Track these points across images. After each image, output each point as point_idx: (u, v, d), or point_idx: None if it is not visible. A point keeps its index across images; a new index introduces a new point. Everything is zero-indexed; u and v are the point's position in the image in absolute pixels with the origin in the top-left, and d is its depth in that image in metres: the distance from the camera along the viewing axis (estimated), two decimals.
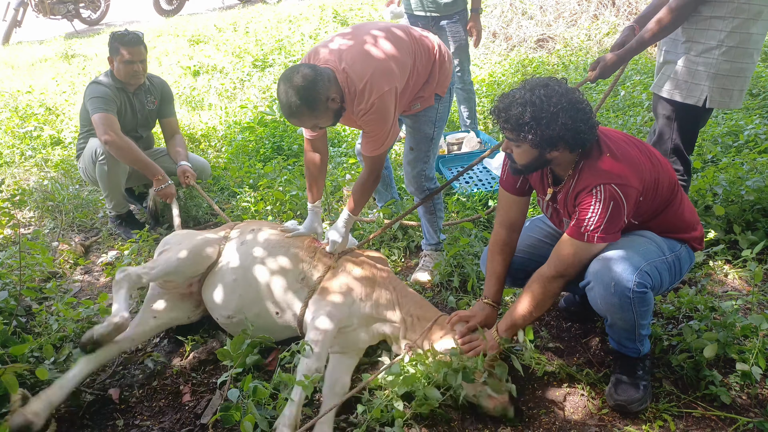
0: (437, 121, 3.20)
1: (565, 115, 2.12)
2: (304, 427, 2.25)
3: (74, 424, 2.50)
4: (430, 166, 3.32)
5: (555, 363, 2.66)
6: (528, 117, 2.14)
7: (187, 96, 7.82)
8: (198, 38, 10.71)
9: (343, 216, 3.04)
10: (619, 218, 2.18)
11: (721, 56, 2.79)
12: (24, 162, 5.86)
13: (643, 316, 2.28)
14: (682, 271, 2.42)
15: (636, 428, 2.32)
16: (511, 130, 2.21)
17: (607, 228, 2.19)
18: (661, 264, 2.29)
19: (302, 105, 2.56)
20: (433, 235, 3.54)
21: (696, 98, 2.88)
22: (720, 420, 2.34)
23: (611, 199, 2.14)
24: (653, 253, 2.29)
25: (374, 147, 2.86)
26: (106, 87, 4.03)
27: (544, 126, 2.13)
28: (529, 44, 8.85)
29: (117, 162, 4.04)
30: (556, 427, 2.37)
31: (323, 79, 2.59)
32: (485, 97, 6.69)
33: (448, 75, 3.15)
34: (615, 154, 2.21)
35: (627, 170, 2.18)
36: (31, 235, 4.22)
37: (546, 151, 2.22)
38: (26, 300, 3.25)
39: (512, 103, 2.19)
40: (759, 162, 3.87)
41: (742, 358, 2.44)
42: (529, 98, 2.15)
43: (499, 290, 2.65)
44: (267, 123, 5.87)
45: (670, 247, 2.37)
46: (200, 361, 2.85)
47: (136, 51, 4.03)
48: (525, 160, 2.30)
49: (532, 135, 2.16)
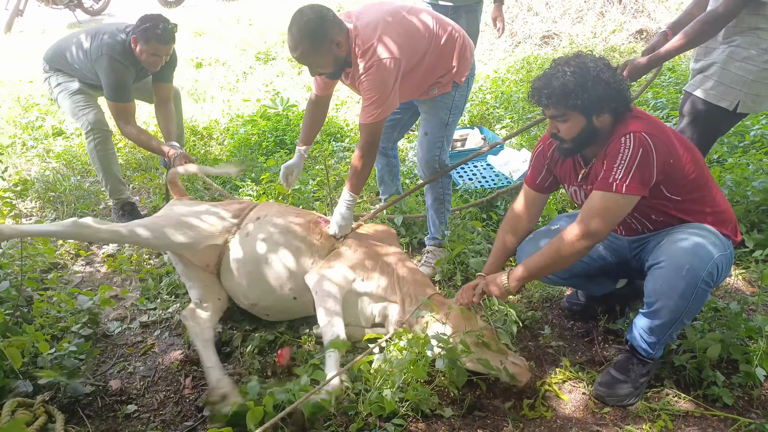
0: (453, 108, 3.23)
1: (606, 75, 2.18)
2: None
3: (75, 415, 2.49)
4: (444, 151, 3.34)
5: (560, 361, 2.66)
6: (572, 84, 2.18)
7: (190, 88, 7.80)
8: (201, 30, 10.68)
9: (345, 197, 3.02)
10: (648, 167, 2.15)
11: (763, 64, 2.83)
12: (26, 152, 5.84)
13: (690, 314, 2.27)
14: (729, 270, 2.37)
15: (637, 427, 2.31)
16: (557, 102, 2.23)
17: (636, 177, 2.14)
18: (725, 260, 2.25)
19: (307, 37, 2.67)
20: (438, 228, 3.54)
21: (729, 102, 2.92)
22: (720, 420, 2.33)
23: (640, 145, 2.14)
24: (720, 247, 2.24)
25: (369, 113, 2.87)
26: (126, 67, 3.91)
27: (590, 88, 2.17)
28: (535, 41, 8.82)
29: (106, 141, 4.09)
30: (557, 426, 2.37)
31: (335, 22, 2.73)
32: (489, 93, 6.66)
33: (468, 65, 3.19)
34: (639, 117, 2.25)
35: (653, 127, 2.20)
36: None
37: (593, 116, 2.23)
38: (27, 290, 3.24)
39: (551, 78, 2.23)
40: (765, 163, 3.86)
41: (746, 359, 2.43)
42: (568, 69, 2.20)
43: (495, 267, 2.71)
44: (270, 116, 5.85)
45: (726, 243, 2.31)
46: None
47: (168, 48, 3.94)
48: (574, 132, 2.29)
49: (580, 100, 2.19)
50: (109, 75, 3.86)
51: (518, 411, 2.44)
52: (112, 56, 3.84)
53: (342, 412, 2.42)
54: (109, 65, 3.84)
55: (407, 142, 5.56)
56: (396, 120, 3.56)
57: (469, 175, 4.65)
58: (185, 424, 2.44)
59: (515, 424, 2.38)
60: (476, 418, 2.41)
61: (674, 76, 6.43)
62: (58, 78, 4.13)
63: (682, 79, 6.05)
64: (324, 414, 2.31)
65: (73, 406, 2.54)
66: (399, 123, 3.61)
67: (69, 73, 4.14)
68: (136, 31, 3.82)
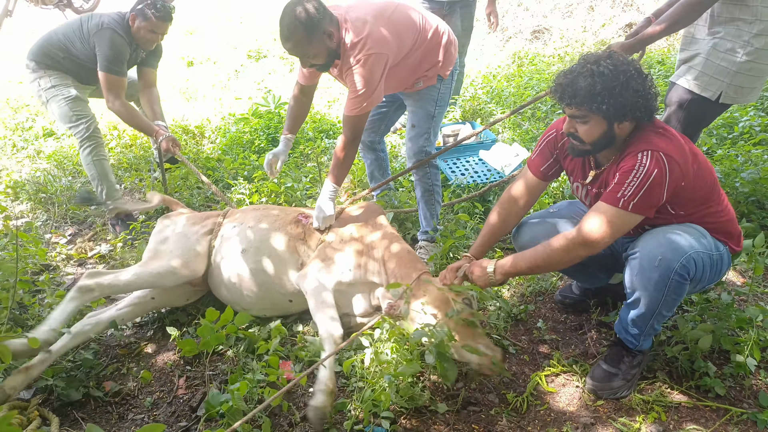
0: (439, 100, 3.30)
1: (635, 83, 2.10)
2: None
3: (68, 417, 2.49)
4: (431, 143, 3.41)
5: (552, 354, 2.67)
6: (600, 87, 2.09)
7: (182, 87, 7.77)
8: (192, 29, 10.64)
9: (327, 188, 3.06)
10: (659, 189, 2.10)
11: (745, 56, 2.85)
12: (16, 153, 5.81)
13: (668, 306, 2.27)
14: (721, 273, 2.36)
15: (630, 419, 2.32)
16: (581, 103, 2.14)
17: (644, 197, 2.10)
18: (707, 258, 2.24)
19: (300, 28, 2.73)
20: (429, 221, 3.55)
21: (712, 92, 2.96)
22: (713, 411, 2.35)
23: (656, 166, 2.08)
24: (705, 245, 2.23)
25: (354, 105, 2.93)
26: (126, 42, 3.99)
27: (617, 95, 2.09)
28: (525, 36, 8.83)
29: (100, 147, 4.11)
30: (551, 419, 2.37)
31: (326, 13, 2.79)
32: (481, 89, 6.67)
33: (452, 59, 3.27)
34: (661, 133, 2.18)
35: (673, 146, 2.14)
36: (24, 227, 4.19)
37: (615, 122, 2.17)
38: (19, 292, 3.22)
39: (578, 76, 2.14)
40: (754, 154, 3.88)
41: (737, 349, 2.45)
42: (597, 69, 2.11)
43: (483, 248, 2.67)
44: (262, 114, 5.84)
45: (716, 245, 2.30)
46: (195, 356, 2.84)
47: (165, 26, 4.06)
48: (594, 137, 2.22)
49: (606, 105, 2.11)
50: (109, 46, 3.90)
51: (512, 405, 2.45)
52: (113, 29, 3.93)
53: (337, 410, 2.43)
54: (110, 36, 3.91)
55: (399, 138, 5.56)
56: (382, 113, 3.60)
57: (462, 170, 4.65)
58: (179, 425, 2.43)
59: (509, 418, 2.38)
60: (471, 413, 2.42)
61: (663, 69, 6.46)
62: (51, 79, 4.06)
63: (672, 72, 6.06)
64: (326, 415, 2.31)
65: (66, 408, 2.53)
66: (385, 116, 3.64)
67: (61, 68, 4.08)
68: (135, 9, 3.95)
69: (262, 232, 3.00)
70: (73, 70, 4.10)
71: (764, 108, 5.02)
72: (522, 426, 2.35)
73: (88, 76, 4.13)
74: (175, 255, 2.95)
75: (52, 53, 4.04)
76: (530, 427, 2.34)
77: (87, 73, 4.11)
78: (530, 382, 2.54)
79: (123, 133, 6.01)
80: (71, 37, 4.01)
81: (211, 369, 2.74)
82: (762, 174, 3.52)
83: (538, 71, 7.06)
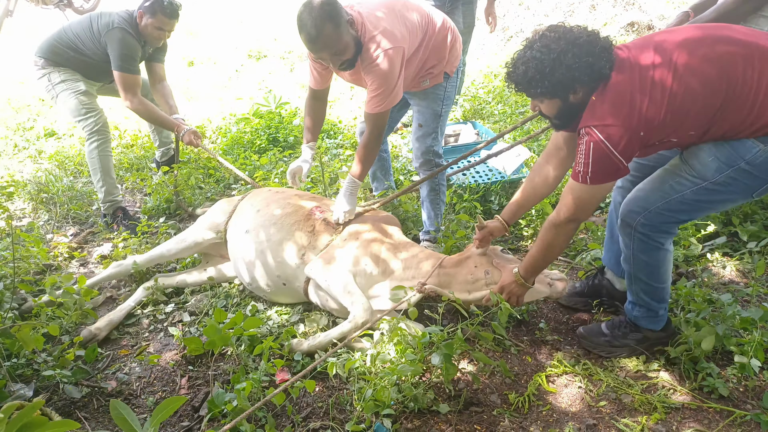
0: (445, 98, 3.29)
1: (566, 57, 2.08)
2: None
3: (71, 416, 2.49)
4: (438, 142, 3.40)
5: (554, 355, 2.67)
6: (532, 72, 2.13)
7: (183, 87, 7.77)
8: (193, 29, 10.64)
9: (349, 183, 3.07)
10: (607, 160, 2.10)
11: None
12: (18, 154, 5.81)
13: (640, 269, 2.37)
14: (759, 175, 2.15)
15: (632, 420, 2.32)
16: (524, 90, 2.23)
17: (597, 170, 2.14)
18: (691, 195, 2.23)
19: (327, 20, 2.66)
20: (433, 219, 3.54)
21: None
22: (716, 412, 2.34)
23: (590, 140, 2.11)
24: (681, 187, 2.24)
25: (377, 103, 2.91)
26: (136, 41, 4.03)
27: (549, 75, 2.11)
28: (527, 35, 8.79)
29: (107, 143, 4.15)
30: (553, 420, 2.37)
31: (342, 7, 2.75)
32: (482, 88, 6.66)
33: (457, 56, 3.25)
34: (607, 89, 2.12)
35: (611, 105, 2.09)
36: (26, 227, 4.19)
37: (566, 97, 2.18)
38: (21, 293, 3.23)
39: (516, 64, 2.21)
40: None
41: (741, 350, 2.44)
42: (530, 54, 2.15)
43: (512, 213, 2.78)
44: (262, 114, 5.84)
45: (729, 159, 2.13)
46: (198, 356, 2.84)
47: (172, 24, 4.09)
48: (553, 111, 2.27)
49: (542, 88, 2.15)
50: (121, 46, 3.95)
51: (515, 406, 2.44)
52: (124, 29, 3.97)
53: (339, 410, 2.43)
54: (122, 36, 3.95)
55: (400, 138, 5.56)
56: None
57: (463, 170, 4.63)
58: (182, 424, 2.43)
59: (512, 418, 2.38)
60: (473, 414, 2.42)
61: None
62: (61, 75, 4.11)
63: None
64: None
65: (69, 408, 2.53)
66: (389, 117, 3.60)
67: (70, 66, 4.13)
68: (143, 6, 3.98)
69: (268, 216, 3.14)
70: (82, 68, 4.14)
71: None
72: (524, 426, 2.34)
73: (97, 73, 4.19)
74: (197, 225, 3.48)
75: (62, 51, 4.08)
76: (532, 428, 2.34)
77: (96, 71, 4.16)
78: (532, 383, 2.54)
79: (124, 133, 6.01)
80: (81, 35, 4.05)
81: (213, 369, 2.74)
82: None
83: None
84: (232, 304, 3.23)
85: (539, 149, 4.82)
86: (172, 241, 3.43)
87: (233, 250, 3.24)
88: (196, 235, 3.41)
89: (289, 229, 3.06)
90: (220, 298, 3.27)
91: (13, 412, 2.25)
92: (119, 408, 1.56)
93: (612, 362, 2.63)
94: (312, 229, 3.05)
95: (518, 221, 3.72)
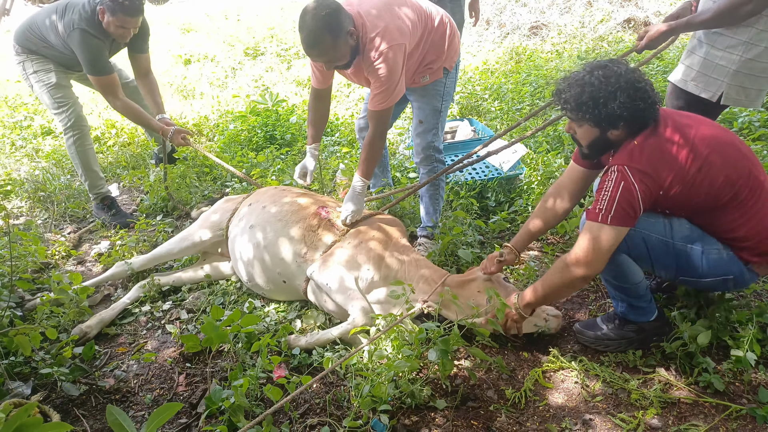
0: (445, 94, 3.28)
1: (622, 95, 2.17)
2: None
3: (69, 414, 2.49)
4: (438, 138, 3.40)
5: (550, 351, 2.68)
6: (586, 97, 2.21)
7: (179, 85, 7.77)
8: (189, 26, 10.62)
9: (357, 183, 3.08)
10: (631, 202, 2.18)
11: (745, 53, 2.71)
12: (15, 152, 5.81)
13: (611, 273, 2.44)
14: (703, 267, 2.35)
15: (629, 415, 2.33)
16: (572, 109, 2.28)
17: (618, 210, 2.19)
18: (657, 242, 2.34)
19: (326, 32, 2.67)
20: (431, 215, 3.54)
21: (712, 93, 2.82)
22: (712, 406, 2.35)
23: (622, 179, 2.18)
24: (655, 227, 2.34)
25: (380, 100, 2.92)
26: (100, 40, 3.82)
27: (602, 105, 2.19)
28: (523, 31, 8.83)
29: (85, 137, 4.12)
30: (550, 415, 2.38)
31: (345, 13, 2.74)
32: (479, 85, 6.67)
33: (456, 50, 3.24)
34: (651, 140, 2.22)
35: (650, 157, 2.19)
36: (24, 225, 4.19)
37: (606, 130, 2.27)
38: (19, 291, 3.23)
39: (571, 84, 2.27)
40: (753, 149, 3.87)
41: (737, 344, 2.45)
42: (588, 79, 2.22)
43: (523, 242, 2.84)
44: (259, 112, 5.83)
45: (699, 239, 2.34)
46: (195, 353, 2.84)
47: (135, 21, 3.85)
48: (587, 140, 2.37)
49: (590, 114, 2.23)
50: (84, 50, 3.79)
51: (511, 401, 2.45)
52: (84, 30, 3.76)
53: (337, 406, 2.44)
54: (82, 40, 3.76)
55: (398, 135, 5.56)
56: None
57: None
58: (179, 421, 2.44)
59: (508, 414, 2.39)
60: (469, 409, 2.42)
61: (662, 64, 6.44)
62: (33, 65, 4.03)
63: (671, 67, 6.06)
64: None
65: (67, 405, 2.54)
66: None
67: (43, 54, 4.02)
68: (104, 2, 3.73)
69: (274, 212, 3.15)
70: (55, 58, 4.04)
71: (764, 104, 5.02)
72: (521, 422, 2.35)
73: (70, 63, 4.06)
74: (198, 223, 3.50)
75: (33, 40, 3.99)
76: (529, 423, 2.35)
77: (69, 61, 4.04)
78: (529, 378, 2.55)
79: (121, 132, 6.01)
80: (49, 29, 3.91)
81: (211, 366, 2.74)
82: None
83: (536, 67, 7.05)
84: (229, 301, 3.24)
85: (536, 146, 4.83)
86: (173, 241, 3.44)
87: (234, 247, 3.24)
88: (198, 233, 3.42)
89: (293, 227, 3.06)
90: (217, 295, 3.28)
91: (11, 410, 2.28)
92: (115, 413, 1.56)
93: (608, 357, 2.64)
94: (316, 229, 3.05)
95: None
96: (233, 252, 3.26)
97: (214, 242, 3.44)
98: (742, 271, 2.34)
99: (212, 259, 3.52)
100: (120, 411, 1.58)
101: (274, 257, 3.04)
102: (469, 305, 2.66)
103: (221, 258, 3.51)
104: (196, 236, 3.41)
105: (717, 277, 2.37)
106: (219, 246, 3.49)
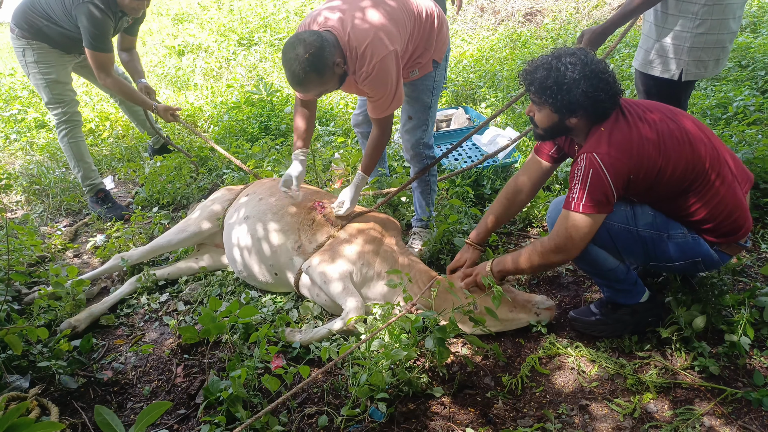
0: (435, 89, 3.21)
1: (586, 83, 2.20)
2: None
3: (67, 407, 2.50)
4: (428, 134, 3.34)
5: (546, 338, 2.69)
6: (551, 81, 2.24)
7: (173, 76, 7.73)
8: (182, 17, 10.56)
9: (358, 177, 3.07)
10: (602, 188, 2.21)
11: (696, 29, 2.80)
12: (9, 146, 5.78)
13: (579, 260, 2.50)
14: (668, 252, 2.42)
15: (625, 400, 2.34)
16: (535, 92, 2.32)
17: (590, 198, 2.22)
18: (620, 231, 2.40)
19: (311, 72, 2.60)
20: (424, 208, 3.53)
21: (671, 72, 2.91)
22: (707, 390, 2.37)
23: (590, 166, 2.21)
24: (616, 215, 2.38)
25: (381, 110, 2.89)
26: (107, 15, 3.80)
27: (565, 91, 2.22)
28: (518, 18, 8.80)
29: (76, 129, 4.15)
30: (546, 401, 2.40)
31: (329, 45, 2.63)
32: (473, 73, 6.65)
33: (445, 41, 3.15)
34: (616, 129, 2.25)
35: (617, 144, 2.21)
36: (20, 219, 4.18)
37: (565, 116, 2.30)
38: (16, 284, 3.23)
39: (538, 67, 2.30)
40: (748, 134, 3.88)
41: (731, 329, 2.47)
42: (555, 64, 2.25)
43: (484, 235, 2.87)
44: (254, 102, 5.82)
45: (663, 225, 2.39)
46: (192, 344, 2.85)
47: None
48: (545, 124, 2.39)
49: (552, 99, 2.26)
50: (90, 23, 3.74)
51: (508, 388, 2.46)
52: (94, 3, 3.72)
53: (334, 395, 2.45)
54: (89, 13, 3.72)
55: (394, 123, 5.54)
56: None
57: (455, 155, 4.65)
58: (178, 412, 2.45)
59: (505, 400, 2.40)
60: (467, 396, 2.44)
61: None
62: (35, 53, 3.95)
63: None
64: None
65: (66, 398, 2.55)
66: None
67: (44, 35, 3.90)
68: None
69: (270, 204, 3.16)
70: (57, 39, 3.92)
71: (759, 87, 5.03)
72: (518, 408, 2.37)
73: (72, 45, 3.97)
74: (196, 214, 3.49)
75: (35, 19, 3.86)
76: (526, 409, 2.36)
77: (71, 42, 3.95)
78: (525, 365, 2.56)
79: (116, 124, 5.98)
80: (53, 4, 3.81)
81: (209, 357, 2.75)
82: (756, 154, 3.52)
83: (531, 54, 7.03)
84: (226, 292, 3.25)
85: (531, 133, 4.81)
86: (171, 232, 3.44)
87: (228, 238, 3.23)
88: (197, 224, 3.42)
89: (288, 219, 3.06)
90: (214, 286, 3.28)
91: (9, 404, 2.29)
92: (103, 413, 1.56)
93: (604, 343, 2.65)
94: (312, 223, 3.04)
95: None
96: (227, 242, 3.26)
97: (213, 233, 3.43)
98: (709, 252, 2.40)
99: (208, 250, 3.52)
100: (108, 411, 1.58)
101: (267, 249, 3.05)
102: (465, 293, 2.67)
103: (217, 249, 3.50)
104: (195, 226, 3.41)
105: (686, 260, 2.42)
106: (215, 237, 3.49)
